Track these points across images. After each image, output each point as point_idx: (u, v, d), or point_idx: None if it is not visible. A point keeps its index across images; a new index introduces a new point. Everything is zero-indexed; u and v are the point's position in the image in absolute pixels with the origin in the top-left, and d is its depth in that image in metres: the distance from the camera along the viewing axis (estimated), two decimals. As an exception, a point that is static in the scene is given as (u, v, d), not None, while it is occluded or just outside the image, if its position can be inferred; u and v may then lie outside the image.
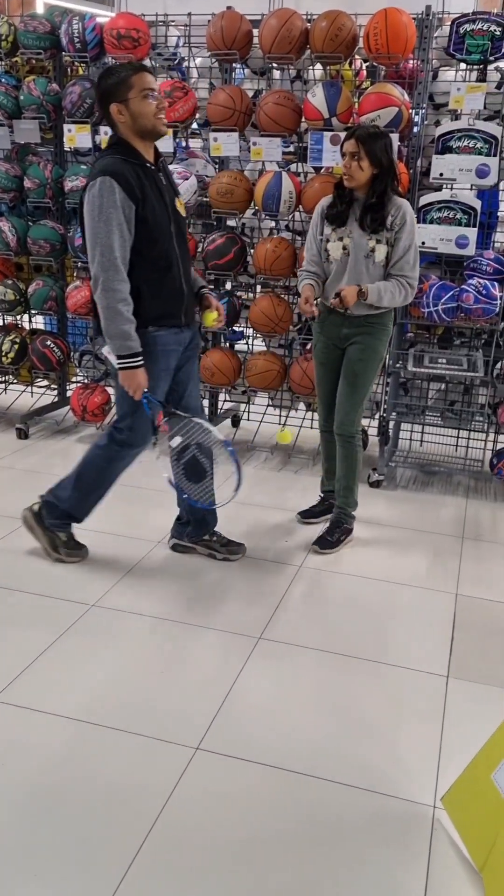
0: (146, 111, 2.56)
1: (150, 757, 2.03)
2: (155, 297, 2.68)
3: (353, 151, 2.88)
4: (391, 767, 2.03)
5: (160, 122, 2.60)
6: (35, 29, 4.03)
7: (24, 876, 1.68)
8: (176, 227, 2.71)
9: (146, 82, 2.56)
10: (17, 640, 2.49)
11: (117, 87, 2.55)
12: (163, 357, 2.75)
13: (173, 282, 2.72)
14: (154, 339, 2.70)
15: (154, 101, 2.57)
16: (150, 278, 2.66)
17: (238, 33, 3.75)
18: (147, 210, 2.58)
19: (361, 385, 3.13)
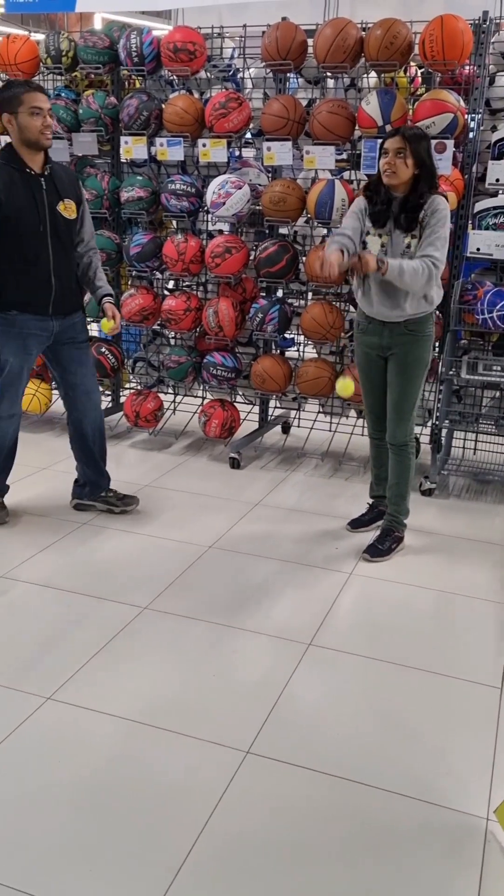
0: (32, 125, 2.95)
1: (202, 759, 2.05)
2: (18, 285, 3.07)
3: (398, 148, 2.85)
4: (443, 777, 2.01)
5: (43, 137, 2.99)
6: (94, 44, 4.13)
7: (79, 870, 1.71)
8: (52, 228, 3.07)
9: (35, 100, 2.94)
10: (72, 641, 2.54)
11: (10, 101, 2.96)
12: (19, 337, 3.14)
13: (38, 275, 3.08)
14: (13, 321, 3.11)
15: (39, 118, 2.95)
16: (14, 269, 3.05)
17: (293, 43, 3.78)
18: (10, 209, 2.96)
19: (409, 395, 3.11)
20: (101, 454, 3.51)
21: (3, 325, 3.12)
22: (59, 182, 3.11)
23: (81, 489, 3.55)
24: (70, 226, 3.16)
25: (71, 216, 3.14)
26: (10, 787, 1.93)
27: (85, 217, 3.27)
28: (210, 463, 4.26)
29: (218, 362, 4.21)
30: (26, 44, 4.26)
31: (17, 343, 3.15)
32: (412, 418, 3.17)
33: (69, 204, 3.13)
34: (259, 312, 4.07)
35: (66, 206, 3.11)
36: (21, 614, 2.71)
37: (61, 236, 3.12)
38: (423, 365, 3.11)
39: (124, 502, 3.53)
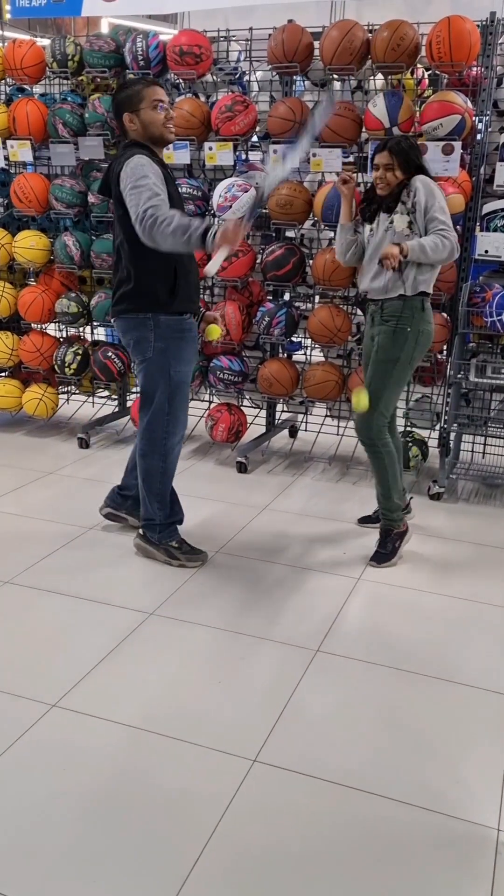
0: (155, 119, 2.80)
1: (208, 767, 2.03)
2: (188, 285, 2.87)
3: (386, 163, 2.99)
4: (453, 787, 1.98)
5: (167, 131, 2.84)
6: (100, 48, 4.13)
7: (84, 881, 1.69)
8: None
9: (156, 94, 2.80)
10: (78, 647, 2.53)
11: (130, 100, 2.81)
12: (193, 343, 2.99)
13: (195, 274, 2.93)
14: (190, 325, 2.94)
15: (163, 111, 2.81)
16: (182, 268, 2.84)
17: (299, 46, 3.77)
18: (173, 203, 2.76)
19: (379, 390, 3.05)
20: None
21: (177, 332, 2.87)
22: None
23: (123, 500, 3.32)
24: None
25: None
26: (15, 795, 1.91)
27: None
28: (217, 467, 4.24)
29: (225, 366, 4.20)
30: (32, 48, 4.27)
31: (192, 349, 2.96)
32: (380, 415, 3.07)
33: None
34: (266, 316, 4.06)
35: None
36: (26, 620, 2.69)
37: None
38: (394, 361, 3.03)
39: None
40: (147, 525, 3.11)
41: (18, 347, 4.58)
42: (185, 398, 3.01)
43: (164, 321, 2.86)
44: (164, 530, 3.09)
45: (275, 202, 3.90)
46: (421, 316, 3.04)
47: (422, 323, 3.05)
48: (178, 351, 2.90)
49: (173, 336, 2.89)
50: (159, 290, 2.83)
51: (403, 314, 3.01)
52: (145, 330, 2.87)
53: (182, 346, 2.91)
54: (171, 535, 3.11)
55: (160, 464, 3.01)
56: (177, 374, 2.92)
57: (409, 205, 2.97)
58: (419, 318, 3.03)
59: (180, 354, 2.91)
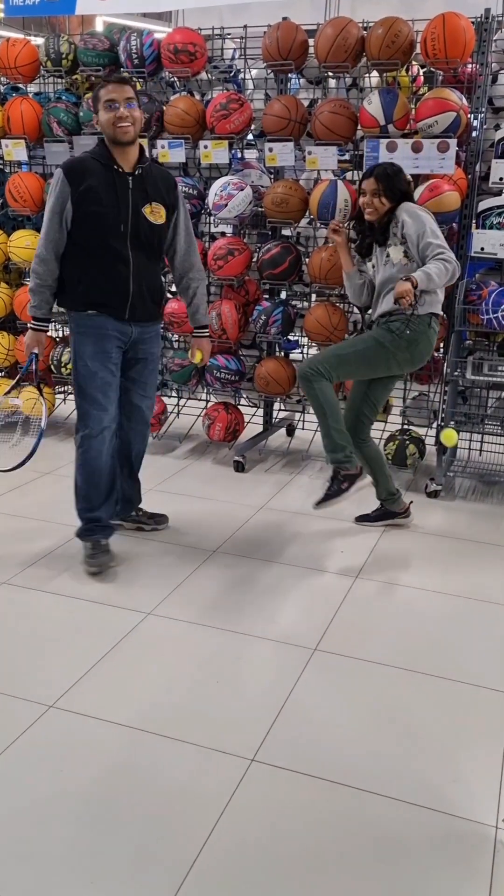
0: (105, 120, 2.82)
1: (206, 767, 2.02)
2: (96, 285, 2.91)
3: (373, 189, 3.08)
4: (451, 786, 1.98)
5: (119, 131, 2.81)
6: (94, 46, 4.12)
7: (82, 882, 1.69)
8: (133, 230, 2.90)
9: (107, 93, 2.80)
10: (75, 648, 2.52)
11: (94, 101, 2.87)
12: (98, 339, 2.95)
13: (117, 277, 2.91)
14: (91, 321, 2.94)
15: (112, 111, 2.79)
16: (93, 268, 2.90)
17: (294, 43, 3.76)
18: (90, 205, 2.83)
19: (347, 344, 3.18)
20: (138, 469, 3.34)
21: (80, 327, 2.96)
22: (150, 184, 2.94)
23: (113, 506, 3.29)
24: (156, 231, 2.96)
25: (157, 221, 2.94)
26: (12, 797, 1.91)
27: (178, 226, 3.06)
28: (214, 466, 4.23)
29: (222, 365, 4.19)
30: (26, 47, 4.25)
31: (95, 346, 2.94)
32: (324, 364, 3.10)
33: (157, 208, 2.94)
34: (262, 315, 4.05)
35: (152, 210, 2.93)
36: (24, 621, 2.69)
37: (143, 240, 2.93)
38: (375, 341, 3.11)
39: (155, 521, 3.40)
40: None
41: (15, 347, 4.57)
42: (94, 397, 2.97)
43: (73, 317, 2.98)
44: (82, 527, 3.10)
45: (270, 200, 3.89)
46: (425, 330, 3.09)
47: (422, 335, 3.09)
48: (81, 346, 2.96)
49: (77, 331, 2.97)
50: (70, 288, 2.96)
51: (412, 326, 3.07)
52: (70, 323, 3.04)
53: (84, 341, 2.96)
54: (87, 533, 3.08)
55: (77, 453, 3.07)
56: (83, 368, 2.96)
57: (399, 236, 3.06)
58: (422, 330, 3.09)
59: (83, 349, 2.95)
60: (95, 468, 3.05)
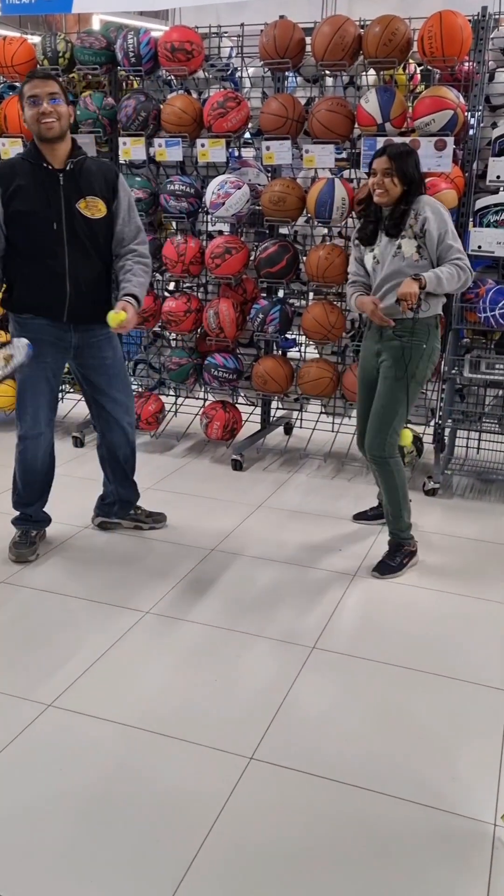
0: (29, 116, 2.78)
1: (205, 766, 2.02)
2: (29, 287, 2.88)
3: (385, 168, 2.86)
4: (450, 783, 1.99)
5: (43, 127, 2.76)
6: (91, 45, 4.11)
7: (81, 881, 1.69)
8: (68, 228, 2.83)
9: (30, 89, 2.75)
10: (73, 646, 2.52)
11: (19, 97, 2.86)
12: (33, 343, 2.83)
13: (51, 277, 2.85)
14: (26, 325, 2.92)
15: (35, 107, 2.74)
16: (26, 270, 2.87)
17: (291, 42, 3.76)
18: (20, 205, 2.79)
19: (389, 406, 2.97)
20: (131, 471, 3.32)
21: (16, 330, 2.93)
22: (84, 178, 2.85)
23: (109, 507, 3.36)
24: (94, 226, 2.87)
25: (95, 215, 2.86)
26: (11, 796, 1.91)
27: (119, 215, 2.92)
28: (212, 465, 4.23)
29: (219, 364, 4.19)
30: (23, 45, 4.25)
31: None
32: (392, 433, 3.00)
33: (93, 202, 2.85)
34: (260, 313, 4.05)
35: (87, 204, 2.84)
36: (22, 620, 2.69)
37: (80, 237, 2.85)
38: (410, 379, 2.93)
39: (154, 519, 3.39)
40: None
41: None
42: (27, 402, 3.00)
43: (12, 319, 2.98)
44: (15, 516, 3.17)
45: (268, 199, 3.89)
46: (434, 333, 2.99)
47: (434, 340, 3.00)
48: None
49: (15, 335, 2.92)
50: (10, 290, 2.95)
51: (417, 329, 2.92)
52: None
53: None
54: (19, 521, 3.17)
55: (15, 450, 3.09)
56: (19, 372, 2.88)
57: (418, 229, 2.87)
58: (433, 335, 2.98)
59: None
60: (30, 468, 3.10)
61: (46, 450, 3.11)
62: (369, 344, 3.10)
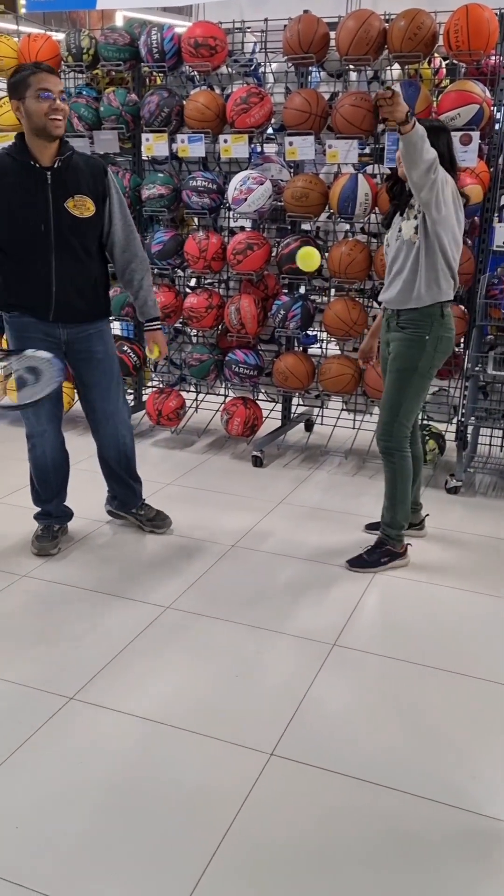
0: (38, 109, 2.64)
1: (225, 761, 2.03)
2: (15, 287, 2.85)
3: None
4: (471, 783, 1.97)
5: (52, 124, 2.66)
6: (115, 41, 4.12)
7: (102, 873, 1.70)
8: (56, 228, 2.76)
9: (42, 81, 2.64)
10: (95, 640, 2.53)
11: (16, 86, 2.68)
12: (22, 342, 2.85)
13: (35, 278, 2.82)
14: (15, 324, 2.91)
15: (46, 102, 2.64)
16: (12, 270, 2.83)
17: (315, 36, 3.74)
18: (3, 204, 2.72)
19: (396, 400, 2.92)
20: (128, 473, 3.26)
21: (9, 329, 2.94)
22: (72, 176, 2.77)
23: (112, 500, 3.38)
24: (82, 225, 2.80)
25: (83, 214, 2.78)
26: (32, 788, 1.92)
27: (113, 214, 2.89)
28: (232, 461, 4.23)
29: (240, 360, 4.19)
30: (47, 42, 4.26)
31: (16, 345, 2.88)
32: (400, 424, 2.94)
33: (82, 200, 2.77)
34: (281, 309, 4.04)
35: (75, 203, 2.76)
36: (43, 614, 2.70)
37: (68, 237, 2.78)
38: (413, 370, 2.87)
39: (154, 524, 3.31)
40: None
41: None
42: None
43: (2, 316, 2.96)
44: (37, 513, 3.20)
45: (290, 194, 3.88)
46: (441, 323, 2.87)
47: (441, 329, 2.87)
48: (10, 347, 2.92)
49: (7, 333, 2.94)
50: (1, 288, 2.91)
51: (422, 322, 2.84)
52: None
53: (11, 342, 2.93)
54: (41, 517, 3.19)
55: (27, 447, 3.09)
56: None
57: (416, 207, 2.76)
58: (438, 324, 2.85)
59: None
60: (40, 465, 3.10)
61: (54, 446, 3.08)
62: (382, 334, 3.08)
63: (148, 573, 2.99)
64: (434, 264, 2.79)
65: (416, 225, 2.76)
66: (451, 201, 2.75)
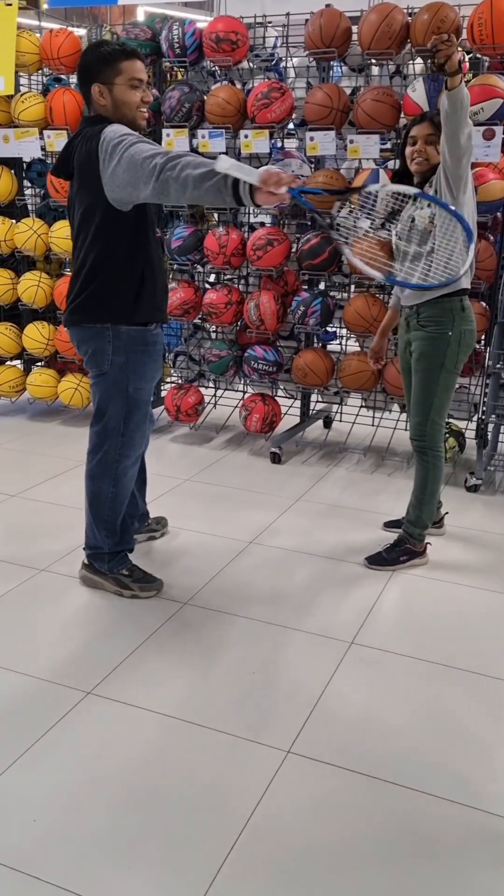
0: (131, 100, 2.44)
1: (242, 757, 2.02)
2: (155, 293, 2.55)
3: (428, 134, 2.72)
4: (491, 784, 1.95)
5: (141, 115, 2.47)
6: (137, 36, 4.12)
7: (118, 867, 1.70)
8: (152, 226, 2.57)
9: (136, 70, 2.42)
10: (112, 635, 2.54)
11: (103, 69, 2.40)
12: (158, 357, 2.66)
13: (164, 278, 2.63)
14: (155, 338, 2.62)
15: (140, 92, 2.45)
16: (152, 273, 2.53)
17: (337, 31, 3.71)
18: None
19: (426, 396, 2.90)
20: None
21: (140, 345, 2.55)
22: None
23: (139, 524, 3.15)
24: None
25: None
26: (49, 782, 1.93)
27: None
28: (251, 457, 4.23)
29: (259, 356, 4.18)
30: (69, 38, 4.27)
31: (155, 365, 2.63)
32: (433, 423, 2.91)
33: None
34: (301, 305, 4.03)
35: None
36: (61, 609, 2.71)
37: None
38: (438, 366, 2.84)
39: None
40: (94, 554, 2.80)
41: (54, 338, 4.61)
42: (144, 418, 2.68)
43: (124, 332, 2.52)
44: (112, 559, 2.78)
45: (311, 190, 3.86)
46: (462, 316, 2.82)
47: (463, 323, 2.82)
48: (139, 366, 2.58)
49: (135, 349, 2.56)
50: (122, 296, 2.49)
51: (442, 318, 2.81)
52: (103, 341, 2.53)
53: (144, 360, 2.59)
54: (120, 562, 2.79)
55: (110, 489, 2.70)
56: (135, 392, 2.60)
57: (432, 194, 2.70)
58: (459, 318, 2.81)
59: (142, 370, 2.59)
60: (125, 499, 2.82)
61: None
62: (401, 333, 3.04)
63: (165, 570, 2.99)
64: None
65: (432, 214, 2.70)
66: (470, 188, 2.73)
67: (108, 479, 2.69)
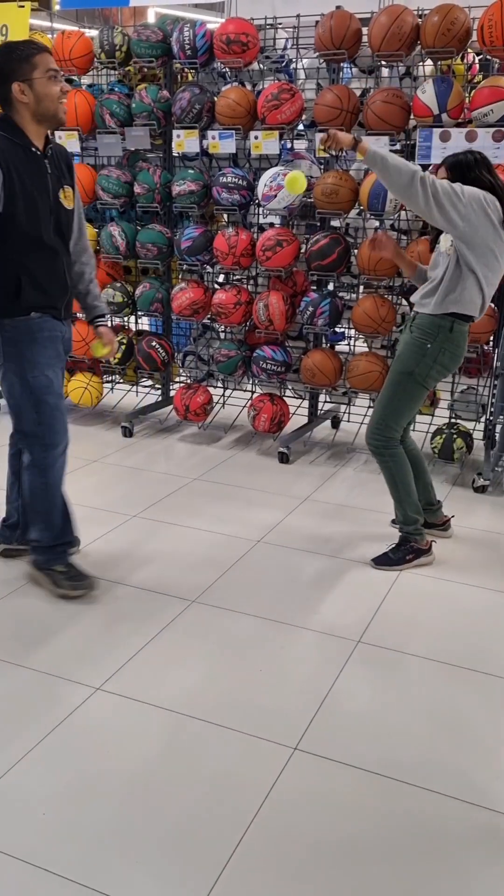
0: (52, 92, 2.45)
1: (249, 754, 2.04)
2: (37, 283, 2.56)
3: (443, 178, 2.77)
4: (495, 782, 1.97)
5: (62, 108, 2.50)
6: (148, 38, 4.14)
7: (125, 860, 1.72)
8: (55, 219, 2.57)
9: (51, 62, 2.45)
10: (121, 632, 2.56)
11: (20, 67, 2.41)
12: (50, 342, 2.62)
13: (56, 271, 2.61)
14: (39, 325, 2.59)
15: (59, 83, 2.47)
16: (32, 263, 2.54)
17: (347, 32, 3.73)
18: (20, 189, 2.45)
19: (387, 396, 2.95)
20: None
21: (26, 334, 2.57)
22: (58, 165, 2.60)
23: (11, 532, 2.99)
24: (69, 218, 2.66)
25: (70, 206, 2.63)
26: (58, 775, 1.95)
27: (77, 205, 2.71)
28: (259, 457, 4.25)
29: (268, 356, 4.20)
30: (81, 39, 4.30)
31: (50, 349, 2.63)
32: (388, 427, 2.96)
33: (68, 192, 2.62)
34: (310, 306, 4.04)
35: (65, 195, 2.60)
36: (70, 605, 2.74)
37: (64, 229, 2.63)
38: (407, 374, 2.89)
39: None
40: (34, 548, 2.81)
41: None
42: (56, 406, 2.67)
43: (8, 324, 2.56)
44: (49, 553, 2.78)
45: (320, 191, 3.87)
46: (447, 336, 2.84)
47: (446, 342, 2.85)
48: (31, 354, 2.59)
49: (22, 339, 2.58)
50: (1, 293, 2.54)
51: (429, 329, 2.85)
52: None
53: (35, 348, 2.59)
54: (57, 558, 2.78)
55: (40, 479, 2.72)
56: (34, 380, 2.60)
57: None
58: (444, 337, 2.84)
59: (34, 358, 2.59)
60: (58, 488, 2.83)
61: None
62: (401, 335, 3.08)
63: (172, 568, 3.01)
64: (461, 280, 2.76)
65: (453, 240, 2.77)
66: (474, 219, 2.69)
67: (36, 470, 2.73)
